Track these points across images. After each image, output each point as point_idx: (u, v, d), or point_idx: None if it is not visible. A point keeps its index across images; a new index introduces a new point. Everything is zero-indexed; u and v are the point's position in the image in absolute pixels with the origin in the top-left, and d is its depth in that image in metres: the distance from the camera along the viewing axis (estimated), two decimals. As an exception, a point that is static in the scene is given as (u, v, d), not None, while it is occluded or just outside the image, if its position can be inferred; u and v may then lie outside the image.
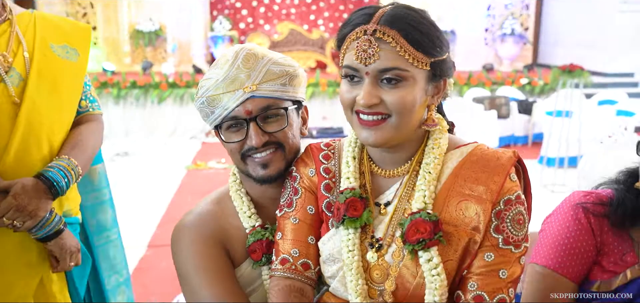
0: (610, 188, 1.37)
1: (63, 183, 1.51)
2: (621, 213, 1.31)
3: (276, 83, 1.31)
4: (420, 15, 1.11)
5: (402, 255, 1.16)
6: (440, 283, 1.11)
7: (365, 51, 1.09)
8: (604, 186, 1.41)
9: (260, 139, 1.30)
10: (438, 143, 1.20)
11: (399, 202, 1.20)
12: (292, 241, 1.26)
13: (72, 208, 1.67)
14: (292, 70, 1.35)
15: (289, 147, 1.34)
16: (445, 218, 1.14)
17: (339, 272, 1.21)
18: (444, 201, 1.16)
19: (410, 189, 1.20)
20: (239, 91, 1.28)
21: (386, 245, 1.18)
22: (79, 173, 1.58)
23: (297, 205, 1.29)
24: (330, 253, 1.22)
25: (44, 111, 1.53)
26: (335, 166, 1.30)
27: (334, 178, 1.29)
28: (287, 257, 1.25)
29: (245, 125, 1.31)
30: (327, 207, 1.27)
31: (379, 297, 1.18)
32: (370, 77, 1.10)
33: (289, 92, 1.34)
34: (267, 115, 1.31)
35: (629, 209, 1.30)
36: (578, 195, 1.37)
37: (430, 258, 1.12)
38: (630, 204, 1.31)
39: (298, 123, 1.40)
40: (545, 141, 7.04)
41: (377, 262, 1.18)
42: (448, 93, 1.21)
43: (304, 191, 1.30)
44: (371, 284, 1.18)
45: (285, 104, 1.34)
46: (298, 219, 1.28)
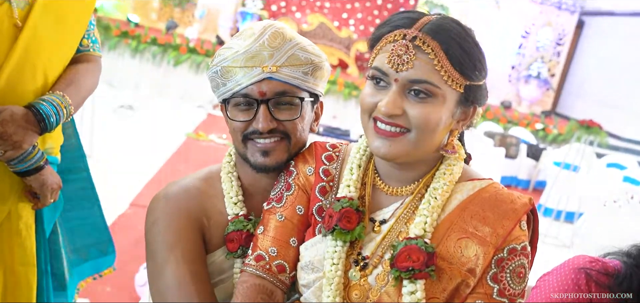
0: (619, 259, 1.31)
1: (53, 119, 1.45)
2: (626, 288, 1.24)
3: (298, 70, 1.23)
4: (466, 32, 1.03)
5: (386, 280, 1.08)
6: None
7: (399, 56, 1.01)
8: (612, 256, 1.34)
9: (268, 124, 1.22)
10: (451, 170, 1.12)
11: (395, 223, 1.12)
12: (272, 238, 1.18)
13: (54, 147, 1.61)
14: (318, 61, 1.27)
15: (295, 140, 1.27)
16: (441, 252, 1.06)
17: (315, 283, 1.13)
18: (444, 233, 1.08)
19: (411, 212, 1.12)
20: (257, 69, 1.21)
21: (372, 266, 1.11)
22: (70, 112, 1.51)
23: (287, 202, 1.21)
24: (310, 260, 1.14)
25: (45, 42, 1.47)
26: (336, 170, 1.23)
27: (332, 182, 1.21)
28: (263, 254, 1.17)
29: (256, 106, 1.23)
30: (318, 211, 1.19)
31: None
32: (398, 85, 1.03)
33: (309, 82, 1.26)
34: (281, 101, 1.24)
35: (635, 286, 1.24)
36: (583, 259, 1.30)
37: (414, 291, 1.04)
38: (637, 281, 1.24)
39: (310, 117, 1.32)
40: (547, 190, 6.97)
41: (358, 282, 1.10)
42: (474, 122, 1.13)
43: (297, 188, 1.22)
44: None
45: (302, 94, 1.26)
46: (284, 217, 1.20)
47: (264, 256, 1.17)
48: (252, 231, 1.26)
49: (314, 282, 1.13)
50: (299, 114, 1.26)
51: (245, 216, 1.29)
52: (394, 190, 1.15)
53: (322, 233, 1.15)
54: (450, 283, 1.06)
